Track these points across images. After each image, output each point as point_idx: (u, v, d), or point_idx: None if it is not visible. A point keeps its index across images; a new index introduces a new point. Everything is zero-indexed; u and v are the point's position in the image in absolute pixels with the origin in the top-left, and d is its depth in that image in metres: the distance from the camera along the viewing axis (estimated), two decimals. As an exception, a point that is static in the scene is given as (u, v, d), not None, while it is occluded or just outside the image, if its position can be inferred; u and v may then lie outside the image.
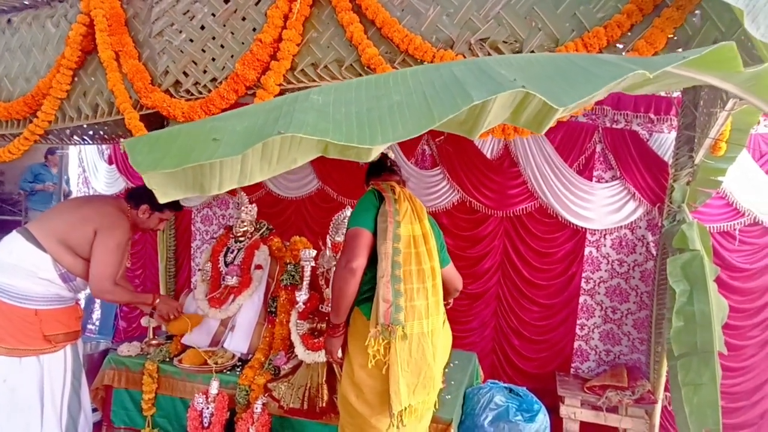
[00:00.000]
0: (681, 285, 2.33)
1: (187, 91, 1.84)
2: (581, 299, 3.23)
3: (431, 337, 1.67)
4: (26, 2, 1.89)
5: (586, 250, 3.18)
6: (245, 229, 2.80)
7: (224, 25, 1.53)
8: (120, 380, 2.60)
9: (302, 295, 2.40)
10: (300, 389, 2.23)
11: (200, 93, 1.74)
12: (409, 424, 1.60)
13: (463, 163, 3.31)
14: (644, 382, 2.89)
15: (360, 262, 1.61)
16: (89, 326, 4.65)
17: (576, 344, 3.28)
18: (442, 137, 3.34)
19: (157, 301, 2.48)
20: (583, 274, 3.20)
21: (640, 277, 3.11)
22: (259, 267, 2.69)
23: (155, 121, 2.12)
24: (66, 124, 1.85)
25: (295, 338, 2.38)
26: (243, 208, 2.82)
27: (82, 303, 4.49)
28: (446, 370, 2.42)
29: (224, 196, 4.07)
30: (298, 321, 2.40)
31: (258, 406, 2.18)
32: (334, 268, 1.73)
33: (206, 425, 2.21)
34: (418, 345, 1.61)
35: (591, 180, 3.12)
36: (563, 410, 2.93)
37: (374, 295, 1.63)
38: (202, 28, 1.57)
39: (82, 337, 2.45)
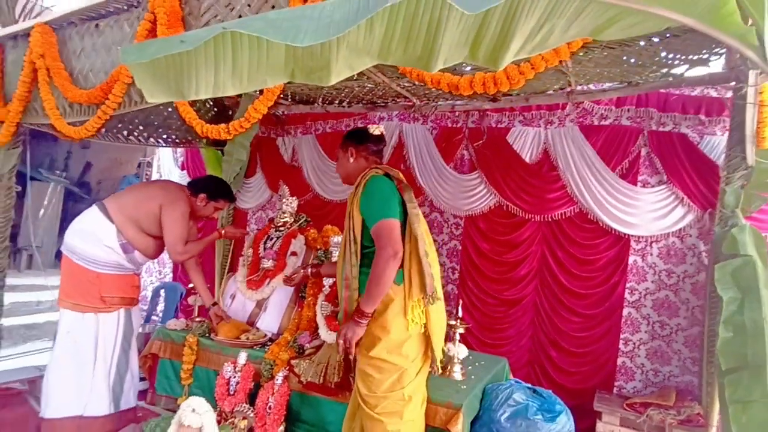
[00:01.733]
0: (730, 292, 2.16)
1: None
2: (625, 312, 3.04)
3: (442, 298, 1.92)
4: (110, 9, 2.26)
5: (630, 259, 3.01)
6: (285, 219, 3.00)
7: (257, 14, 1.74)
8: (165, 351, 2.84)
9: (330, 279, 2.52)
10: (319, 366, 2.32)
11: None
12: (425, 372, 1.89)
13: (502, 166, 3.31)
14: (693, 404, 2.65)
15: (401, 249, 1.79)
16: (153, 317, 5.07)
17: (620, 361, 3.07)
18: (481, 141, 3.38)
19: (224, 231, 2.82)
20: (627, 285, 3.03)
21: (691, 290, 2.88)
22: (294, 254, 2.86)
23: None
24: (131, 108, 2.16)
25: (320, 319, 2.49)
26: (284, 200, 3.03)
27: (149, 294, 4.95)
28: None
29: (276, 202, 4.35)
30: (323, 303, 2.51)
31: (279, 378, 2.30)
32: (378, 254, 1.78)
33: (232, 392, 2.36)
34: (440, 306, 1.87)
35: (635, 185, 2.98)
36: (600, 427, 2.75)
37: (402, 264, 1.81)
38: (239, 17, 1.80)
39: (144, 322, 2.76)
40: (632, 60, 2.14)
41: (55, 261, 7.60)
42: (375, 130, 2.06)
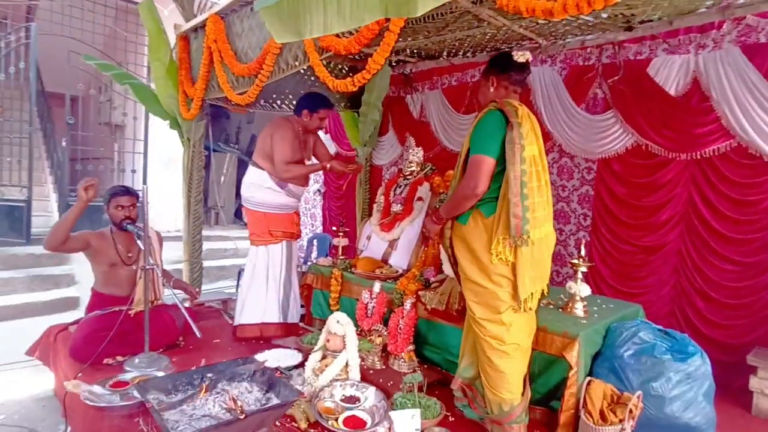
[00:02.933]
0: None
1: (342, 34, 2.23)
2: (797, 259, 2.63)
3: (546, 240, 1.91)
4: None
5: (805, 198, 2.57)
6: (412, 169, 3.26)
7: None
8: (317, 282, 3.39)
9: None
10: (443, 296, 2.56)
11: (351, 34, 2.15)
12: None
13: (641, 103, 3.05)
14: None
15: (483, 188, 1.86)
16: (309, 261, 5.92)
17: (788, 315, 2.70)
18: (617, 77, 3.13)
19: (329, 165, 2.97)
20: (801, 228, 2.60)
21: None
22: (420, 199, 3.11)
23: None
24: (280, 75, 2.58)
25: (443, 256, 2.71)
26: (411, 150, 3.27)
27: (305, 243, 5.75)
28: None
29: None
30: (446, 241, 2.72)
31: (408, 305, 2.61)
32: (464, 181, 1.91)
33: (369, 315, 2.76)
34: (538, 247, 1.86)
35: (816, 110, 2.50)
36: (753, 382, 2.51)
37: (496, 200, 1.87)
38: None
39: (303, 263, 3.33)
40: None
41: (234, 218, 9.23)
42: (520, 57, 1.95)
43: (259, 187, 2.99)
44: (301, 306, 3.60)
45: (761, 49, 2.63)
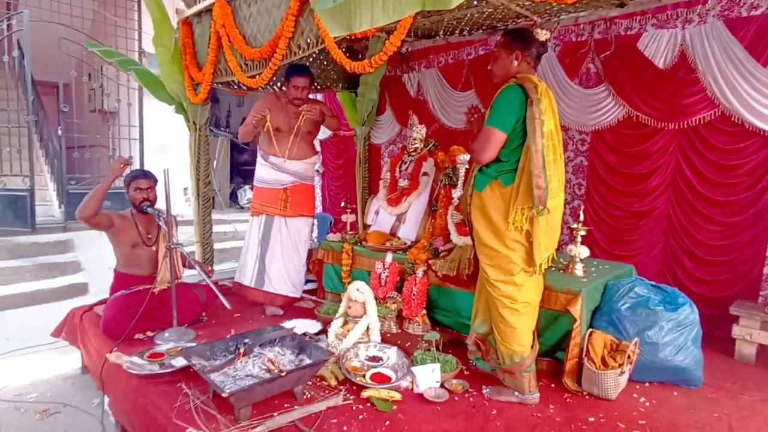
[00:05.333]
0: None
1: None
2: (774, 218, 2.86)
3: (559, 209, 2.05)
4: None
5: (782, 161, 2.78)
6: (416, 145, 3.40)
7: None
8: (328, 257, 3.56)
9: (457, 192, 2.88)
10: (453, 263, 2.75)
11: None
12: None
13: (631, 76, 3.21)
14: None
15: (488, 159, 1.99)
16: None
17: (766, 270, 2.94)
18: (609, 51, 3.28)
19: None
20: (778, 189, 2.82)
21: None
22: (425, 174, 3.27)
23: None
24: (292, 58, 2.68)
25: (451, 226, 2.89)
26: (414, 128, 3.41)
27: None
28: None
29: (406, 133, 4.77)
30: (453, 212, 2.90)
31: (420, 272, 2.79)
32: (472, 145, 2.07)
33: (383, 284, 2.94)
34: (552, 216, 1.99)
35: (793, 79, 2.69)
36: (736, 330, 2.75)
37: (515, 171, 1.99)
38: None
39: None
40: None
41: (230, 201, 9.28)
42: (542, 35, 2.02)
43: (258, 163, 3.29)
44: (312, 281, 3.78)
45: (743, 22, 2.80)
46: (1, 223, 5.18)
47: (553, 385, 2.30)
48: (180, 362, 2.28)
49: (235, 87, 3.93)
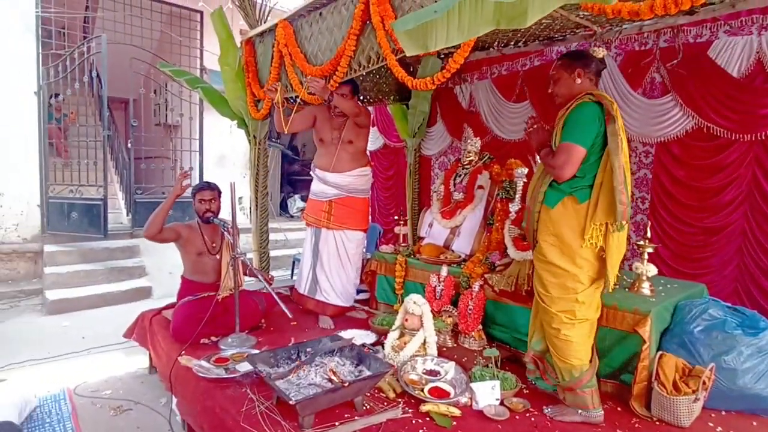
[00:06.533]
0: None
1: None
2: None
3: (627, 226, 2.01)
4: (332, -1, 2.85)
5: None
6: (471, 158, 3.39)
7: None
8: (381, 268, 3.59)
9: (515, 206, 2.83)
10: (510, 278, 2.71)
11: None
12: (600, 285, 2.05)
13: (701, 86, 3.06)
14: None
15: (568, 175, 1.97)
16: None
17: None
18: (676, 60, 3.15)
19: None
20: None
21: None
22: (480, 187, 3.25)
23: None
24: (352, 74, 2.76)
25: (508, 240, 2.85)
26: (469, 141, 3.40)
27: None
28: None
29: (457, 145, 4.76)
30: (510, 226, 2.86)
31: (476, 287, 2.77)
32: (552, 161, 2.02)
33: (438, 297, 2.93)
34: (624, 233, 1.97)
35: None
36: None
37: (590, 188, 1.97)
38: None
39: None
40: None
41: (280, 210, 9.58)
42: (599, 53, 2.06)
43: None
44: (365, 291, 3.82)
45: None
46: (78, 230, 5.60)
47: (619, 409, 2.20)
48: (245, 367, 2.38)
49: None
